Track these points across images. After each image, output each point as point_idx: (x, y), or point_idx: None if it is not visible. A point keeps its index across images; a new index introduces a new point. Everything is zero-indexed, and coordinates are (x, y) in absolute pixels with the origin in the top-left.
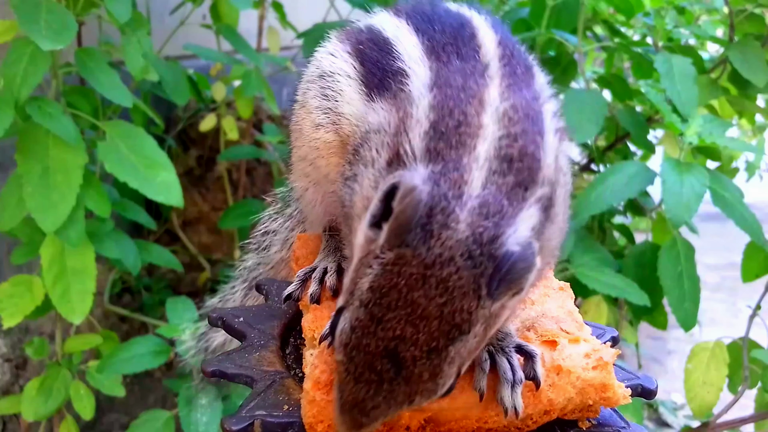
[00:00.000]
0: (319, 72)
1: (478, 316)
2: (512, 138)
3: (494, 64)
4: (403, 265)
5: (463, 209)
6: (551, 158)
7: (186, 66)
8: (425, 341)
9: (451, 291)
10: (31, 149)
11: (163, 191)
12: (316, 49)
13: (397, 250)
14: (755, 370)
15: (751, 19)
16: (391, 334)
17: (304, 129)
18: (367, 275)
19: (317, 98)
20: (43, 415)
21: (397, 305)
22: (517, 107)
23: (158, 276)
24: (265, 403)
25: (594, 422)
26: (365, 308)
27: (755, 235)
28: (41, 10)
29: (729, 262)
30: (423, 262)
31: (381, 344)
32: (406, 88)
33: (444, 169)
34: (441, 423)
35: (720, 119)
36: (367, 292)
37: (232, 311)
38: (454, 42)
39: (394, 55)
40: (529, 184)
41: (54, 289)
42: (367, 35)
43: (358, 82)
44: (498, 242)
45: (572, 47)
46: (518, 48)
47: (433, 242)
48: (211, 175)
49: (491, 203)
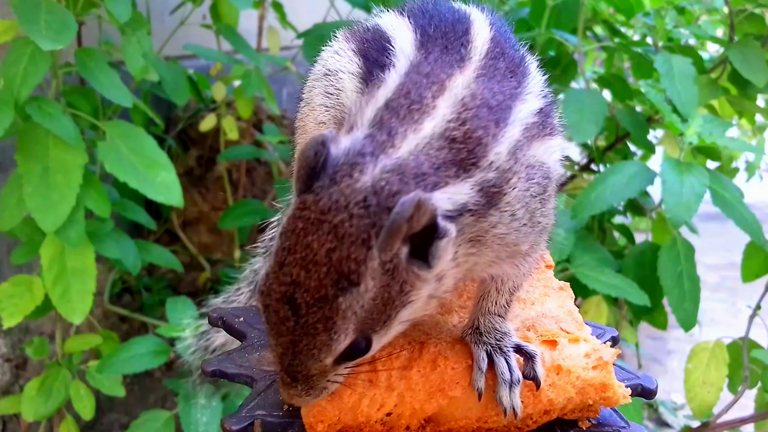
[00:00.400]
0: (324, 70)
1: (368, 267)
2: (461, 122)
3: (475, 57)
4: (303, 209)
5: (375, 165)
6: (504, 147)
7: (186, 66)
8: (315, 287)
9: (341, 237)
10: (31, 149)
11: (163, 191)
12: (323, 48)
13: (303, 196)
14: (755, 370)
15: (751, 19)
16: (289, 279)
17: (307, 126)
18: (280, 226)
19: (321, 96)
20: (43, 415)
21: (295, 249)
22: (476, 95)
23: (158, 276)
24: (266, 402)
25: (594, 422)
26: (274, 254)
27: (755, 235)
28: (41, 10)
29: (729, 262)
30: (320, 207)
31: (282, 288)
32: (384, 75)
33: (378, 132)
34: (441, 423)
35: (720, 119)
36: (277, 239)
37: (232, 311)
38: (445, 36)
39: (389, 51)
40: (467, 166)
41: (54, 289)
42: (372, 34)
43: (359, 78)
44: (397, 197)
45: (572, 47)
46: (514, 47)
47: (332, 188)
48: (211, 175)
49: (411, 168)
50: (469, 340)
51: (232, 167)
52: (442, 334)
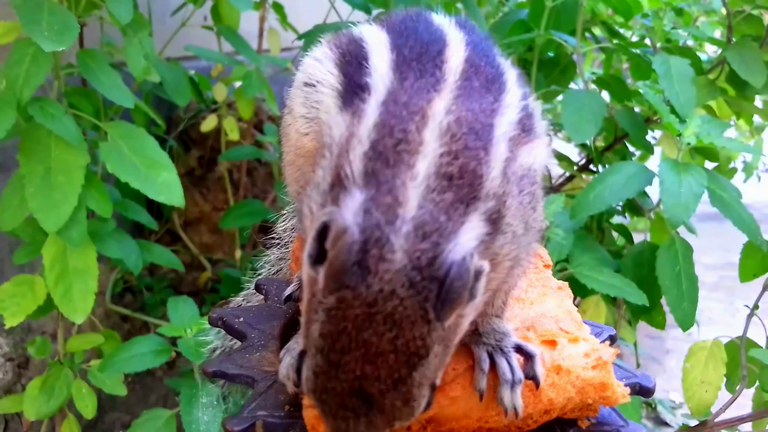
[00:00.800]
0: (305, 79)
1: (433, 338)
2: (453, 155)
3: (450, 78)
4: (346, 309)
5: (398, 236)
6: (497, 172)
7: (187, 67)
8: (387, 375)
9: (399, 323)
10: (33, 150)
11: (165, 191)
12: (306, 54)
13: (337, 294)
14: (753, 369)
15: (749, 20)
16: (352, 375)
17: (290, 135)
18: (315, 321)
19: (301, 106)
20: (44, 414)
21: (350, 348)
22: (461, 121)
23: (160, 276)
24: (267, 403)
25: (593, 421)
26: (321, 355)
27: (753, 235)
28: (43, 12)
29: (727, 261)
30: (365, 301)
31: (346, 386)
32: (364, 104)
33: (377, 194)
34: (442, 423)
35: (718, 120)
36: (318, 339)
37: (232, 311)
38: (419, 58)
39: (364, 69)
40: (470, 201)
41: (56, 288)
42: (353, 47)
43: (338, 95)
44: (437, 263)
45: (571, 48)
46: (491, 63)
47: (371, 279)
48: (212, 176)
49: (428, 222)
50: (469, 341)
51: (233, 167)
52: None
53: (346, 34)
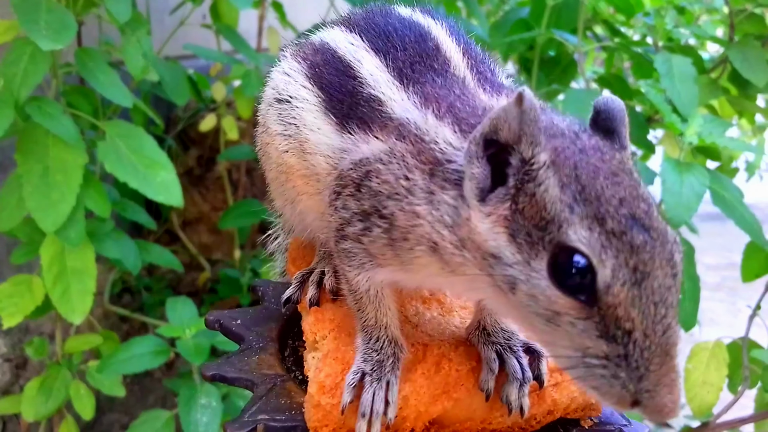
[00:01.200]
0: (276, 95)
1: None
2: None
3: (467, 75)
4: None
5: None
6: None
7: (186, 66)
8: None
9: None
10: (31, 149)
11: (163, 191)
12: (271, 68)
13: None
14: (755, 369)
15: (751, 18)
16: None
17: (270, 153)
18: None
19: (277, 123)
20: (43, 415)
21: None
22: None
23: (158, 276)
24: (267, 407)
25: (596, 421)
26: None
27: (755, 234)
28: (41, 10)
29: (729, 261)
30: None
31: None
32: (392, 116)
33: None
34: (445, 425)
35: (720, 119)
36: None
37: (229, 314)
38: (421, 59)
39: (359, 80)
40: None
41: (54, 289)
42: (323, 56)
43: (321, 109)
44: None
45: (572, 47)
46: (475, 50)
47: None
48: (211, 175)
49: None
50: (476, 340)
51: (232, 167)
52: (444, 335)
53: (309, 44)
